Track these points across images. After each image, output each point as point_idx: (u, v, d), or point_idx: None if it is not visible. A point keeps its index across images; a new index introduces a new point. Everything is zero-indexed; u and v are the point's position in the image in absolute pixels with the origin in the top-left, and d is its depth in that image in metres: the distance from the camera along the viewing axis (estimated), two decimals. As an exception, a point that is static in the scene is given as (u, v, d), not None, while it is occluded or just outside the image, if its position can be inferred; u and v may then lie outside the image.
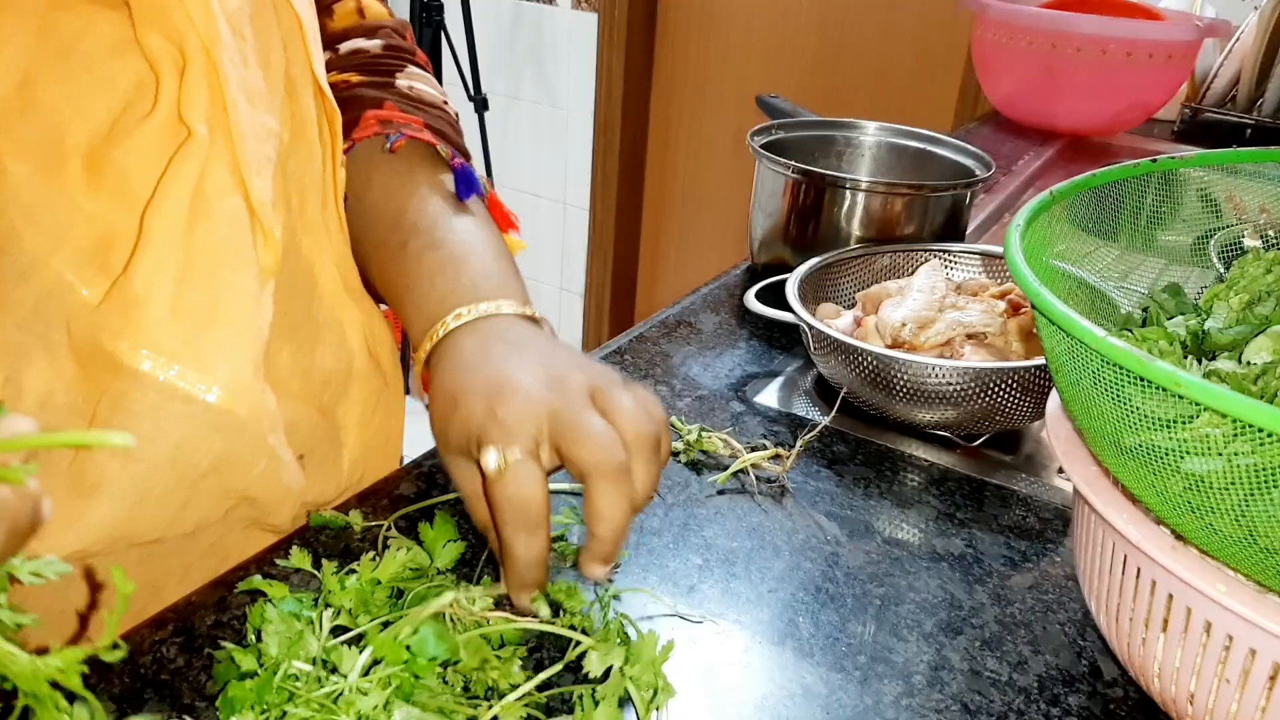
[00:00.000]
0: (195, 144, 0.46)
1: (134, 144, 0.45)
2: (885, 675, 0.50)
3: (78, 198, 0.45)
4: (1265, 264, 0.50)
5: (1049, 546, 0.61)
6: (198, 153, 0.46)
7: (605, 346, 0.82)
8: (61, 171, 0.44)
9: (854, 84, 2.41)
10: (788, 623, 0.53)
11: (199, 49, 0.45)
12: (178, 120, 0.46)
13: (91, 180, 0.45)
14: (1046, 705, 0.49)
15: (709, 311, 0.91)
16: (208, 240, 0.48)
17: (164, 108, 0.46)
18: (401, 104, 0.67)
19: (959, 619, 0.54)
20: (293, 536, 0.57)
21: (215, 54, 0.46)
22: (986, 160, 0.95)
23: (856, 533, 0.61)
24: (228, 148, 0.48)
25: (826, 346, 0.72)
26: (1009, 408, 0.68)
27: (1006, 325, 0.74)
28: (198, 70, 0.45)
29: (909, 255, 0.88)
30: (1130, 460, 0.40)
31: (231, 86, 0.47)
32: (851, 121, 1.05)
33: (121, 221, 0.46)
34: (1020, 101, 1.64)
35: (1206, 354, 0.47)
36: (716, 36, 2.56)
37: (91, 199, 0.45)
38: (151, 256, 0.46)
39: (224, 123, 0.47)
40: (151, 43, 0.45)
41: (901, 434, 0.73)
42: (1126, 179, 0.55)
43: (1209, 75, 1.70)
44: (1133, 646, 0.46)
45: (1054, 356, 0.45)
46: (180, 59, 0.45)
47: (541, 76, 2.74)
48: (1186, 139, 1.70)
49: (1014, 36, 1.54)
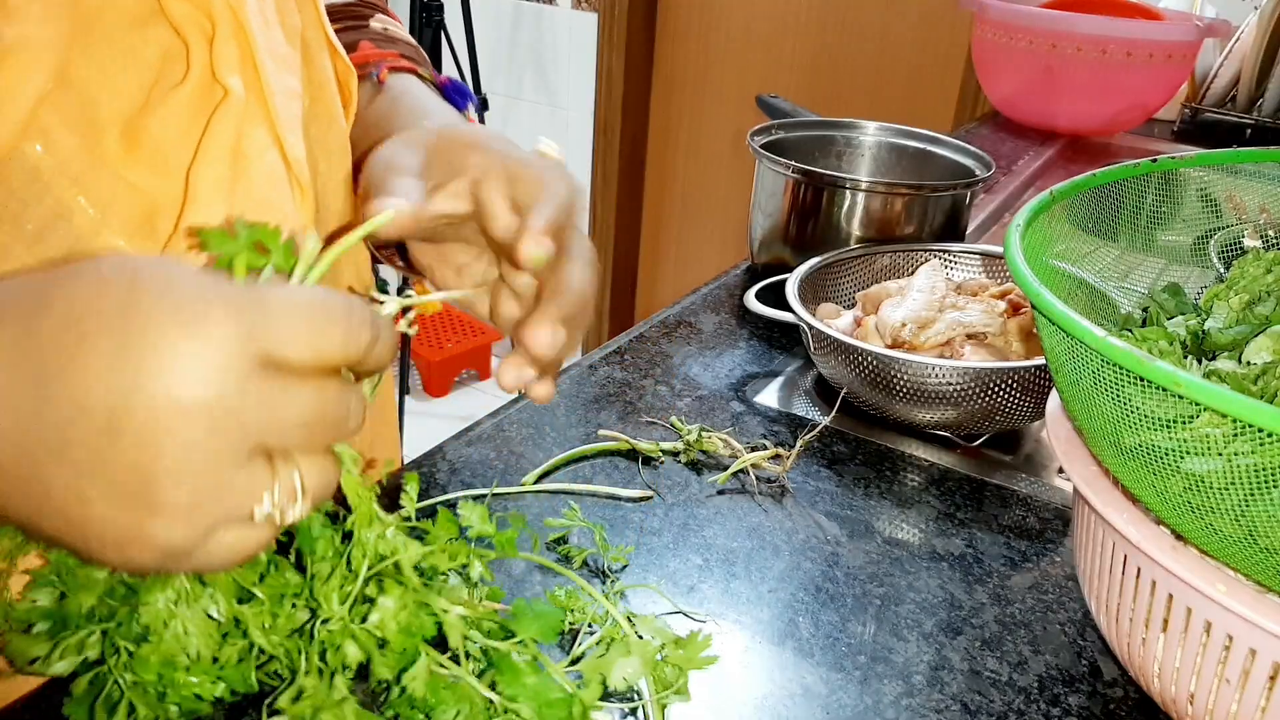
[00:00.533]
0: (231, 102, 0.47)
1: (169, 112, 0.46)
2: (885, 675, 0.50)
3: (120, 170, 0.45)
4: (1265, 264, 0.50)
5: (1049, 546, 0.61)
6: (234, 110, 0.47)
7: (605, 346, 0.82)
8: (100, 144, 0.44)
9: (854, 84, 2.41)
10: (788, 622, 0.53)
11: (225, 8, 0.46)
12: (211, 83, 0.47)
13: (130, 152, 0.45)
14: (1046, 705, 0.49)
15: (709, 311, 0.91)
16: (250, 196, 0.48)
17: (196, 73, 0.46)
18: (377, 41, 0.67)
19: (959, 619, 0.54)
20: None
21: (242, 15, 0.46)
22: (986, 160, 0.95)
23: (856, 533, 0.61)
24: (261, 106, 0.48)
25: (826, 346, 0.72)
26: (1009, 408, 0.68)
27: (1006, 325, 0.74)
28: (226, 31, 0.46)
29: (909, 255, 0.88)
30: (1130, 460, 0.40)
31: (260, 46, 0.48)
32: (851, 121, 1.05)
33: (163, 189, 0.46)
34: (1020, 101, 1.64)
35: (1206, 354, 0.47)
36: (716, 36, 2.56)
37: (132, 170, 0.45)
38: (198, 215, 0.47)
39: (256, 81, 0.48)
40: (176, 10, 0.45)
41: (901, 434, 0.73)
42: (1126, 179, 0.55)
43: (1209, 75, 1.70)
44: (1133, 646, 0.46)
45: (1054, 356, 0.45)
46: (208, 24, 0.46)
47: (541, 76, 2.74)
48: (1186, 139, 1.70)
49: (1014, 36, 1.54)
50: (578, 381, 0.76)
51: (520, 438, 0.68)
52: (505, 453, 0.66)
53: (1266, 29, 1.59)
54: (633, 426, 0.70)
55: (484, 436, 0.68)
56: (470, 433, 0.68)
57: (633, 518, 0.61)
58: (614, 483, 0.64)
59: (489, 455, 0.66)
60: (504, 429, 0.69)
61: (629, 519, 0.61)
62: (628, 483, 0.64)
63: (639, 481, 0.64)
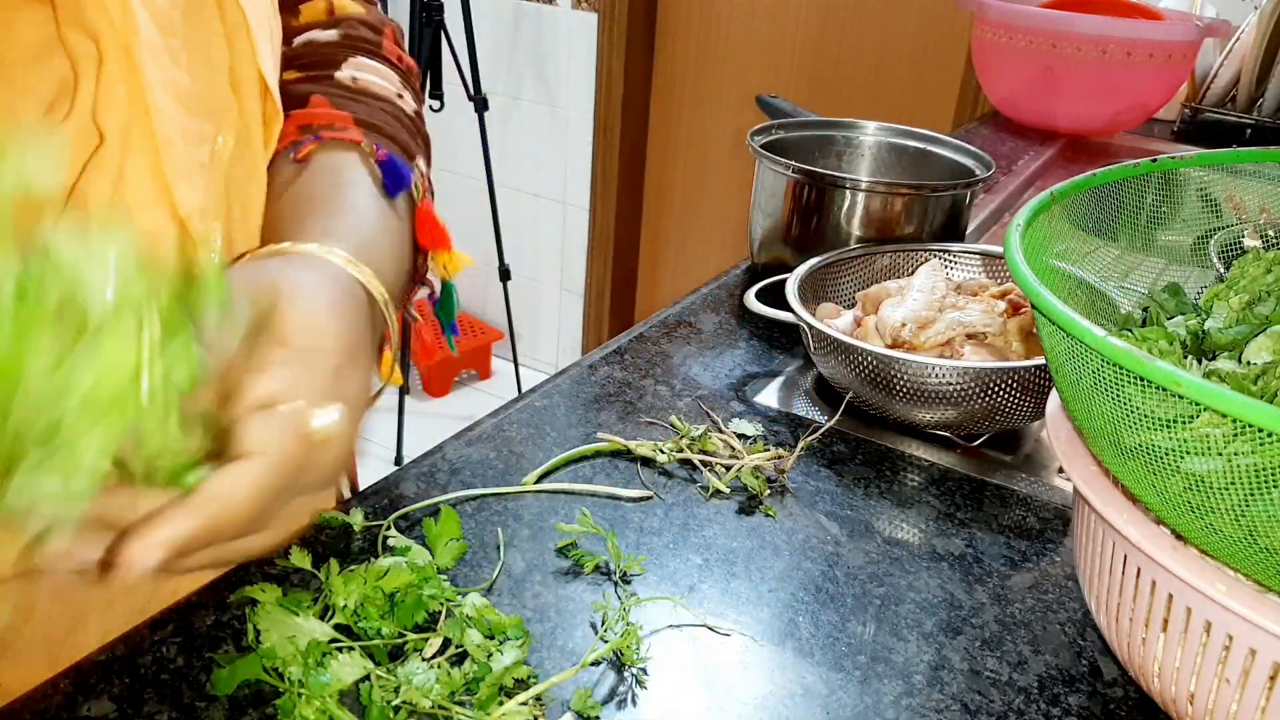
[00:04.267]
0: (107, 152, 0.42)
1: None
2: (885, 675, 0.50)
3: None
4: (1265, 264, 0.50)
5: (1049, 546, 0.61)
6: (111, 161, 0.42)
7: (605, 346, 0.82)
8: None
9: (854, 84, 2.41)
10: (788, 622, 0.53)
11: (117, 46, 0.42)
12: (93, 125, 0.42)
13: None
14: (1046, 705, 0.49)
15: (709, 311, 0.91)
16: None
17: (80, 111, 0.42)
18: (335, 97, 0.60)
19: (959, 619, 0.54)
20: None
21: (135, 52, 0.42)
22: (986, 160, 0.95)
23: (856, 533, 0.61)
24: (149, 155, 0.43)
25: (826, 346, 0.72)
26: (1009, 408, 0.68)
27: (1006, 325, 0.74)
28: (114, 69, 0.42)
29: (909, 255, 0.88)
30: (1130, 460, 0.40)
31: (155, 88, 0.43)
32: (851, 121, 1.05)
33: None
34: (1020, 101, 1.64)
35: (1206, 354, 0.47)
36: (716, 36, 2.56)
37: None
38: None
39: (145, 127, 0.43)
40: (72, 40, 0.41)
41: (901, 434, 0.73)
42: (1126, 179, 0.55)
43: (1209, 75, 1.70)
44: (1133, 646, 0.46)
45: (1054, 356, 0.45)
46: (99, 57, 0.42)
47: (541, 76, 2.74)
48: (1186, 139, 1.70)
49: (1014, 36, 1.54)
50: (578, 381, 0.76)
51: (520, 438, 0.68)
52: (505, 453, 0.66)
53: (1266, 29, 1.59)
54: (633, 426, 0.70)
55: (484, 436, 0.68)
56: (470, 433, 0.68)
57: (633, 518, 0.61)
58: (614, 483, 0.64)
59: (489, 455, 0.66)
60: (504, 429, 0.69)
61: (629, 519, 0.61)
62: (628, 483, 0.64)
63: (639, 482, 0.64)
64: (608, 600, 0.53)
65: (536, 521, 0.59)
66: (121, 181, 0.43)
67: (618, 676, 0.49)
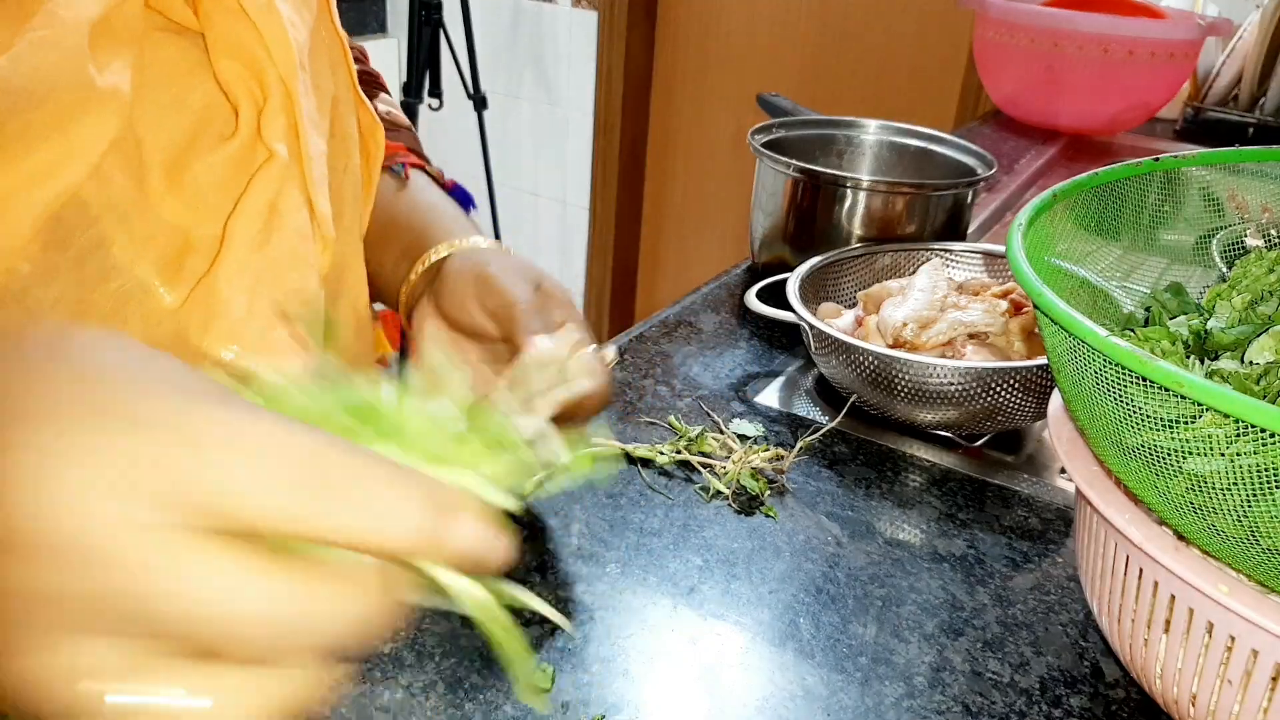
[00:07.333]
0: (275, 165, 0.51)
1: (215, 160, 0.49)
2: (886, 676, 0.50)
3: (158, 206, 0.48)
4: (1268, 263, 0.50)
5: (1051, 547, 0.61)
6: (277, 173, 0.51)
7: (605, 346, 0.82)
8: (145, 182, 0.47)
9: (855, 83, 2.41)
10: (788, 624, 0.53)
11: (278, 81, 0.50)
12: (256, 143, 0.51)
13: (170, 191, 0.48)
14: (1048, 706, 0.49)
15: (709, 311, 0.90)
16: (280, 248, 0.52)
17: (244, 131, 0.50)
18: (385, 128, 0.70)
19: (960, 620, 0.54)
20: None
21: (292, 86, 0.51)
22: (988, 159, 0.95)
23: (857, 533, 0.61)
24: (299, 169, 0.53)
25: (827, 346, 0.72)
26: (1011, 408, 0.68)
27: (1008, 325, 0.73)
28: (276, 103, 0.50)
29: (910, 254, 0.88)
30: (1132, 460, 0.40)
31: (304, 116, 0.52)
32: (852, 120, 1.05)
33: (197, 231, 0.50)
34: (1022, 100, 1.64)
35: (1209, 354, 0.47)
36: (716, 36, 2.56)
37: (170, 208, 0.48)
38: (233, 262, 0.50)
39: (297, 147, 0.52)
40: (227, 70, 0.49)
41: (903, 434, 0.72)
42: (1128, 178, 0.55)
43: (1211, 74, 1.70)
44: (1135, 647, 0.46)
45: (1056, 356, 0.45)
46: (258, 90, 0.50)
47: (541, 75, 2.74)
48: (1188, 138, 1.70)
49: (1015, 35, 1.54)
50: (578, 381, 0.76)
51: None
52: (505, 453, 0.66)
53: (1269, 28, 1.59)
54: (632, 427, 0.70)
55: (484, 437, 0.68)
56: (470, 433, 0.68)
57: (632, 518, 0.61)
58: (613, 483, 0.64)
59: (489, 455, 0.66)
60: (504, 429, 0.69)
61: (629, 519, 0.60)
62: (628, 483, 0.64)
63: (638, 482, 0.64)
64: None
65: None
66: (280, 190, 0.51)
67: (619, 678, 0.48)
